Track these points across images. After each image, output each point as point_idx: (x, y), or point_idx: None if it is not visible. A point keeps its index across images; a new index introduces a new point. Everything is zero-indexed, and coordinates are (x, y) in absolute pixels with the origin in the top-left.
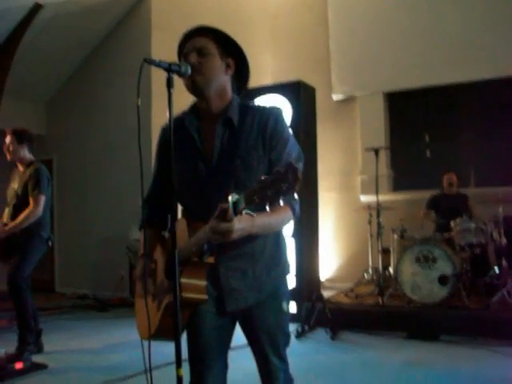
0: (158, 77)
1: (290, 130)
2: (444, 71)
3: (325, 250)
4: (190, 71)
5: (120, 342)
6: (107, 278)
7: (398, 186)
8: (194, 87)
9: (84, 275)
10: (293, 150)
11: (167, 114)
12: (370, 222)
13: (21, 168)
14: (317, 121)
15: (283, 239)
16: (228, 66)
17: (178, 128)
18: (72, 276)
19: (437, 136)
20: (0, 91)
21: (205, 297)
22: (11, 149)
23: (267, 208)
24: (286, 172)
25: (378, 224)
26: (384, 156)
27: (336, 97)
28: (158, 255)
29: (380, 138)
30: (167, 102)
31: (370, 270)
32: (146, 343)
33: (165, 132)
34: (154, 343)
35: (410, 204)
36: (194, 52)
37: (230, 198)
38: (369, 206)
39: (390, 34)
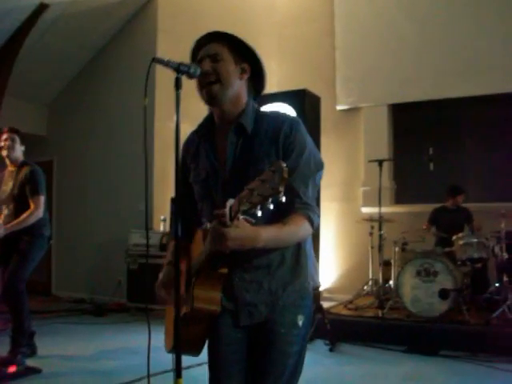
0: (163, 79)
1: (310, 139)
2: (449, 85)
3: (325, 260)
4: (199, 72)
5: (116, 347)
6: (105, 283)
7: (400, 198)
8: (209, 96)
9: (81, 279)
10: (310, 158)
11: (175, 116)
12: (371, 234)
13: (11, 168)
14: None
15: (305, 252)
16: (243, 70)
17: (194, 142)
18: (69, 279)
19: (441, 149)
20: (2, 90)
21: (216, 308)
22: (12, 147)
23: (258, 213)
24: (274, 172)
25: (380, 236)
26: (387, 168)
27: (340, 107)
28: (182, 267)
29: (383, 150)
30: (175, 104)
31: (370, 282)
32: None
33: (185, 145)
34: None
35: (412, 217)
36: (208, 59)
37: (227, 203)
38: (370, 218)
39: (396, 46)
